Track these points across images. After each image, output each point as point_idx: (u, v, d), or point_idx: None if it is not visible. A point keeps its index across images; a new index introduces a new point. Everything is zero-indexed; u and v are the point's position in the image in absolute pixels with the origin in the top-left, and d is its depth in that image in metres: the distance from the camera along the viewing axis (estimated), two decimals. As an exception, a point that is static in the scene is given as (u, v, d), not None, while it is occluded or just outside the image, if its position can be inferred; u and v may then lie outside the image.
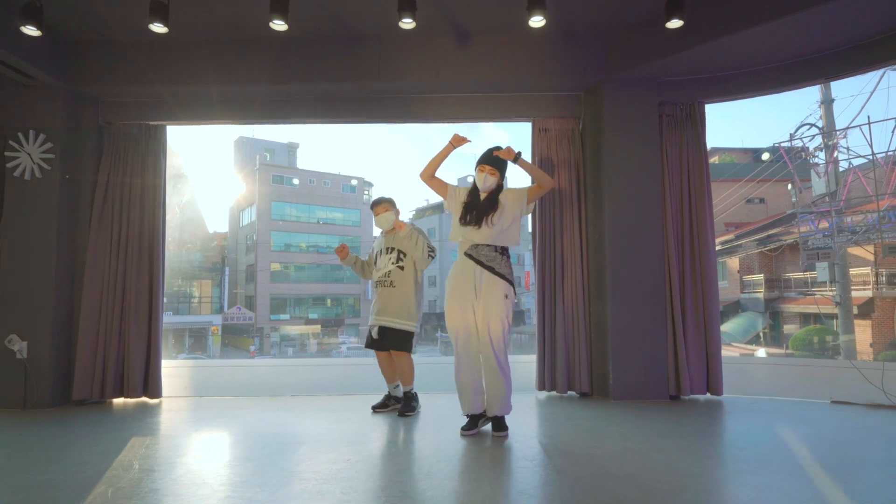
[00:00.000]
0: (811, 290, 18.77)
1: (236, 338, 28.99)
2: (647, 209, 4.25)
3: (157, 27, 3.47)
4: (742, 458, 2.77)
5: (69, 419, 3.78)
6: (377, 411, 3.85)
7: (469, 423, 3.24)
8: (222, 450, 3.08)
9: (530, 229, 4.58)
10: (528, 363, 4.61)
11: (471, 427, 3.21)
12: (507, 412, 3.20)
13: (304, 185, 33.90)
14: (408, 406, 3.77)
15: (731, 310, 22.27)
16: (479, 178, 3.29)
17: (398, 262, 3.78)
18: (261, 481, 2.41)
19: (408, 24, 3.49)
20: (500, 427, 3.18)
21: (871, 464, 2.69)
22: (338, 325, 32.01)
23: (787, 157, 8.14)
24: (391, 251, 3.82)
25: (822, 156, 8.79)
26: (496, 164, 3.30)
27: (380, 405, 3.90)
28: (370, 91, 4.51)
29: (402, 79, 4.31)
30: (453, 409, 3.45)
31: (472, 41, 4.28)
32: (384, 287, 3.79)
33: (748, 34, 3.65)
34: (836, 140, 8.27)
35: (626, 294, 4.18)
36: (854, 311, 13.64)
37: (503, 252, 3.25)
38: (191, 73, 4.31)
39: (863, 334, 16.36)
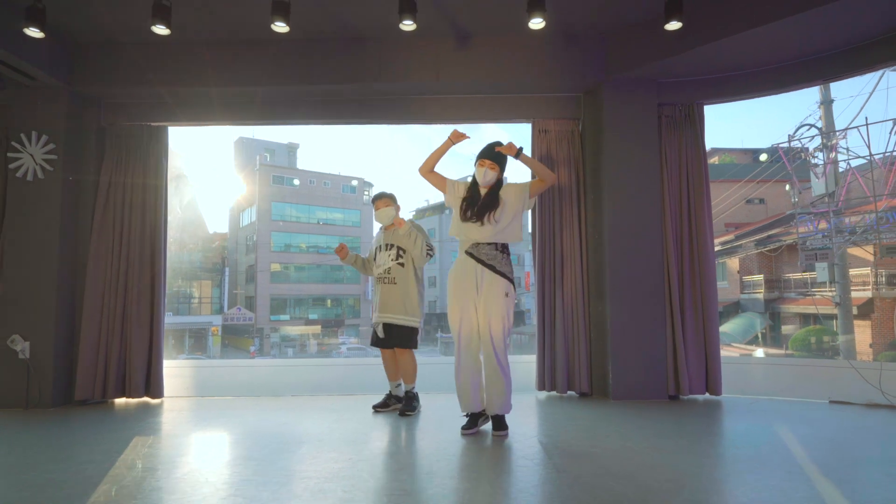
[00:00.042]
0: (811, 290, 18.78)
1: (236, 338, 29.00)
2: (646, 210, 4.27)
3: (160, 29, 3.48)
4: (741, 457, 2.79)
5: (71, 419, 3.80)
6: (378, 411, 3.87)
7: (469, 422, 3.26)
8: (224, 449, 3.10)
9: (530, 229, 4.60)
10: (527, 363, 4.62)
11: (471, 426, 3.23)
12: (507, 411, 3.22)
13: (304, 186, 33.91)
14: (408, 406, 3.78)
15: (730, 310, 22.28)
16: (479, 172, 3.29)
17: (398, 258, 3.80)
18: (263, 480, 2.43)
19: (408, 25, 3.50)
20: (500, 426, 3.19)
21: (870, 463, 2.70)
22: (338, 325, 32.00)
23: (786, 159, 8.16)
24: (390, 248, 3.83)
25: (821, 156, 8.82)
26: (496, 158, 3.29)
27: (381, 404, 3.92)
28: (370, 92, 4.53)
29: (402, 80, 4.33)
30: (453, 409, 3.47)
31: (472, 42, 4.30)
32: (385, 284, 3.80)
33: (747, 35, 3.66)
34: (835, 141, 8.30)
35: (625, 294, 4.20)
36: (854, 311, 13.67)
37: (503, 250, 3.27)
38: (191, 74, 4.33)
39: (862, 335, 16.38)
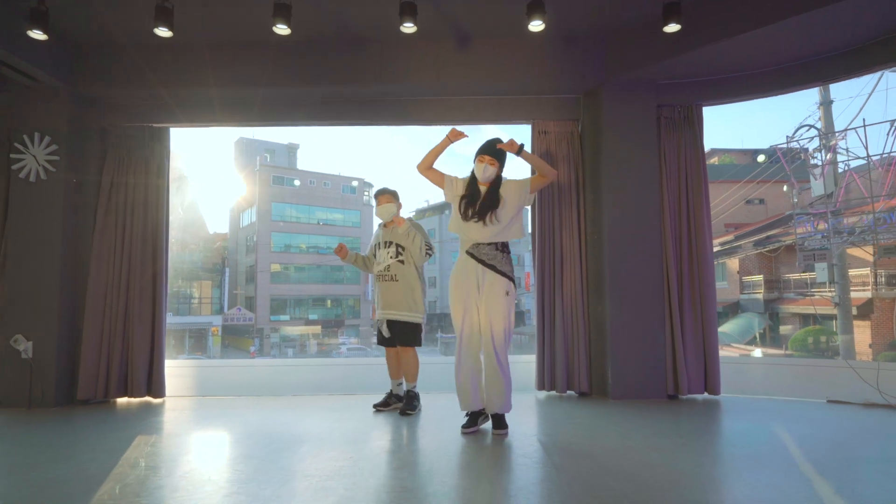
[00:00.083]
0: (810, 291, 18.80)
1: (236, 339, 29.01)
2: (645, 210, 4.29)
3: (162, 31, 3.51)
4: (739, 456, 2.81)
5: (74, 418, 3.82)
6: (379, 410, 3.89)
7: (469, 420, 3.28)
8: (226, 448, 3.12)
9: (530, 230, 4.62)
10: (527, 363, 4.65)
11: (471, 425, 3.25)
12: (507, 410, 3.23)
13: (304, 186, 33.93)
14: (409, 405, 3.80)
15: (730, 311, 22.29)
16: (479, 168, 3.28)
17: (397, 256, 3.82)
18: (265, 478, 2.45)
19: (409, 28, 3.53)
20: (500, 425, 3.21)
21: (867, 462, 2.73)
22: (338, 325, 32.00)
23: (784, 160, 8.18)
24: (389, 245, 3.85)
25: (820, 157, 8.84)
26: (497, 154, 3.29)
27: (381, 403, 3.94)
28: (371, 93, 4.55)
29: (402, 81, 4.35)
30: (454, 409, 3.49)
31: (473, 44, 4.32)
32: (385, 281, 3.83)
33: (746, 37, 3.67)
34: (834, 141, 8.32)
35: (624, 294, 4.22)
36: (853, 311, 13.68)
37: (504, 249, 3.29)
38: (192, 76, 4.35)
39: (862, 335, 16.38)
